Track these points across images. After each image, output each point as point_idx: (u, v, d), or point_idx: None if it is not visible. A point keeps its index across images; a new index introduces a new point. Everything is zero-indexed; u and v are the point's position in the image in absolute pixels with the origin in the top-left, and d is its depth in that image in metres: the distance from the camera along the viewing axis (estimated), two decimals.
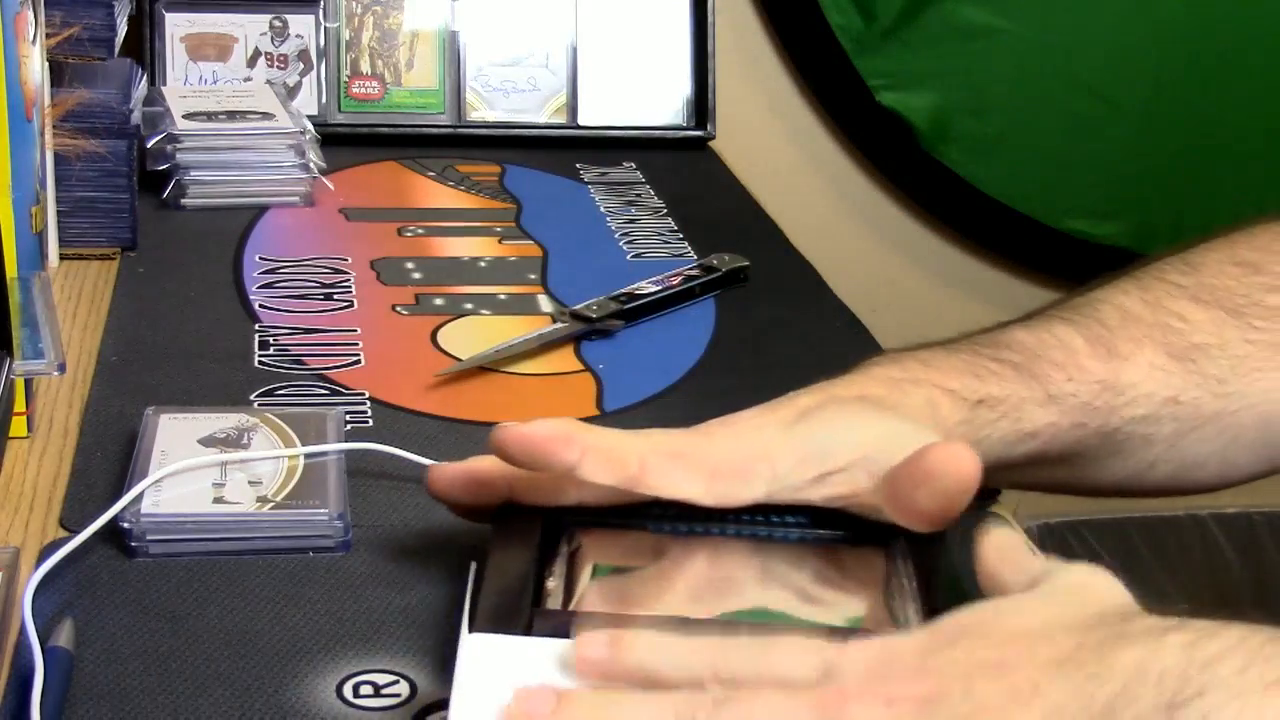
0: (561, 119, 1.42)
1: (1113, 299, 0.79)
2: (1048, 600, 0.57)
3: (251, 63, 1.37)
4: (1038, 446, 0.75)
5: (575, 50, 1.42)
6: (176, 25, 1.35)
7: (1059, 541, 1.87)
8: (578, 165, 1.35)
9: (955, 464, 0.63)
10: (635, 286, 1.03)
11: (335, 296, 1.04)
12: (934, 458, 0.63)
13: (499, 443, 0.65)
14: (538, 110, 1.42)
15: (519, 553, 0.63)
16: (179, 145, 1.18)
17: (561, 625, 0.57)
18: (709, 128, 1.42)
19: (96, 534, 0.71)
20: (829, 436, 0.66)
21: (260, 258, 1.09)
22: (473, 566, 0.63)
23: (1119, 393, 0.76)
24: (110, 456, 0.80)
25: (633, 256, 1.14)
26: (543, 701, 0.53)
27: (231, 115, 1.22)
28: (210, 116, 1.21)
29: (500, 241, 1.17)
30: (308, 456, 0.77)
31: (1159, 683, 0.51)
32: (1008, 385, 0.74)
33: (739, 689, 0.53)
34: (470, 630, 0.58)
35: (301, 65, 1.37)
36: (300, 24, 1.37)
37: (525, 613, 0.59)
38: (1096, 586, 0.59)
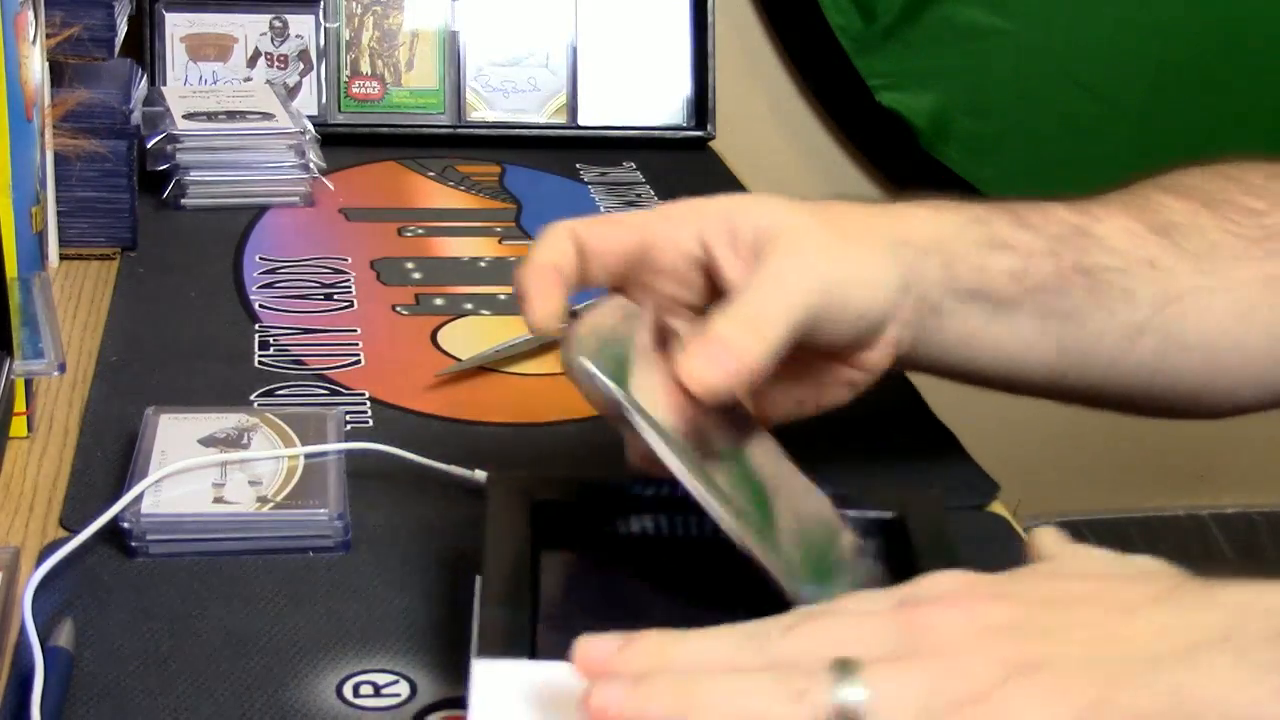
0: (561, 119, 1.42)
1: (1094, 194, 0.80)
2: (1125, 561, 0.56)
3: (251, 63, 1.37)
4: (1016, 264, 0.76)
5: (575, 50, 1.42)
6: (176, 25, 1.35)
7: None
8: (578, 165, 1.35)
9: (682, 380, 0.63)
10: None
11: (335, 296, 1.04)
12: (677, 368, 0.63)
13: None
14: (538, 110, 1.42)
15: (512, 550, 0.64)
16: (179, 145, 1.18)
17: (564, 642, 0.56)
18: (709, 128, 1.42)
19: (96, 534, 0.71)
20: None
21: (260, 258, 1.09)
22: (478, 581, 0.63)
23: (1091, 237, 0.77)
24: (110, 456, 0.80)
25: None
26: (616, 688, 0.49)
27: (231, 115, 1.22)
28: (210, 116, 1.21)
29: (500, 241, 1.17)
30: (308, 457, 0.77)
31: (1267, 615, 0.50)
32: (984, 210, 0.77)
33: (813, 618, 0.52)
34: (477, 656, 0.57)
35: (301, 65, 1.37)
36: (300, 24, 1.37)
37: (527, 631, 0.59)
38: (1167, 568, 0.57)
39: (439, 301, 1.04)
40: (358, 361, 0.94)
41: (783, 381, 0.72)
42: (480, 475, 0.80)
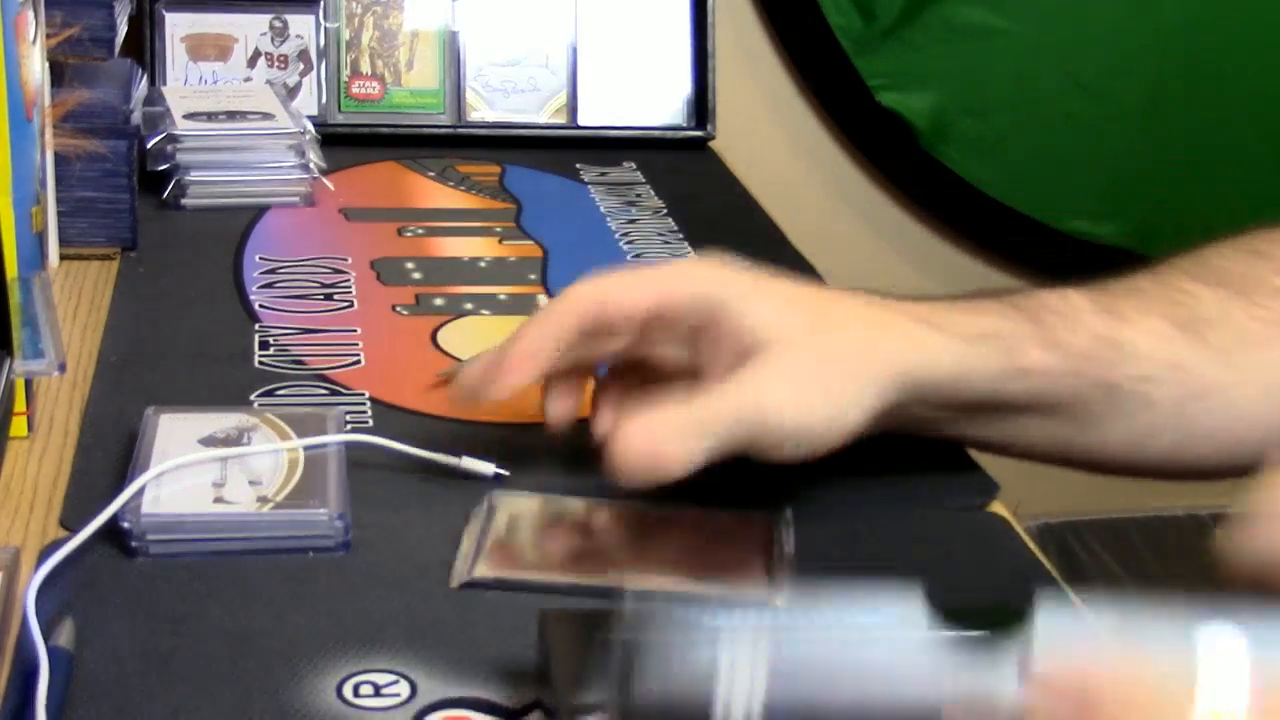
0: (561, 119, 1.42)
1: (1121, 277, 0.80)
2: None
3: (251, 63, 1.37)
4: (1034, 386, 0.76)
5: (575, 50, 1.42)
6: (176, 25, 1.35)
7: (1059, 542, 1.87)
8: (578, 165, 1.35)
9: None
10: None
11: (335, 296, 1.04)
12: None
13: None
14: (538, 110, 1.42)
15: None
16: (179, 145, 1.18)
17: None
18: (709, 128, 1.42)
19: (96, 534, 0.71)
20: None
21: (260, 258, 1.09)
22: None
23: (1118, 348, 0.77)
24: (110, 456, 0.80)
25: (633, 256, 1.15)
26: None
27: (231, 115, 1.22)
28: (210, 116, 1.21)
29: (500, 241, 1.17)
30: (308, 458, 0.77)
31: None
32: (1009, 323, 0.76)
33: None
34: None
35: (301, 65, 1.37)
36: (300, 24, 1.37)
37: None
38: None
39: (439, 301, 1.04)
40: (358, 361, 0.94)
41: None
42: (487, 467, 0.80)
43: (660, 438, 0.69)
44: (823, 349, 0.72)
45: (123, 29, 1.14)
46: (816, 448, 0.72)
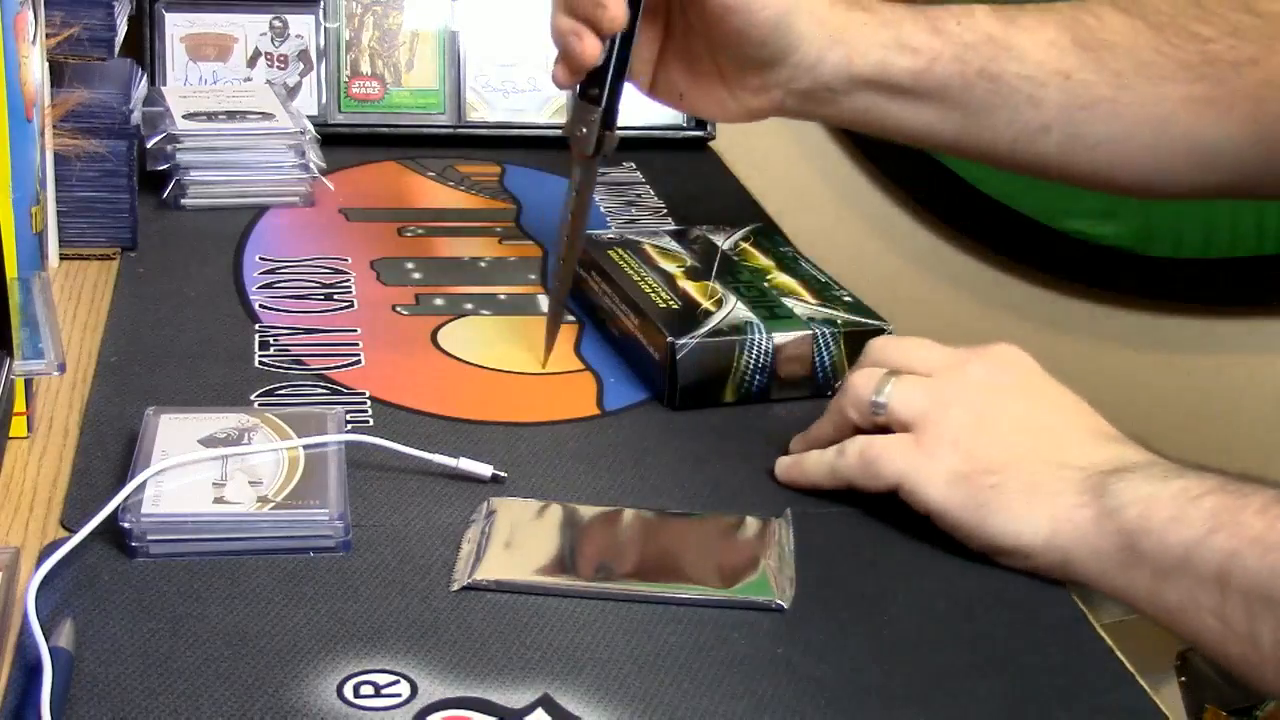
0: (561, 119, 1.42)
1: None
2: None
3: (251, 63, 1.37)
4: (920, 64, 0.87)
5: None
6: (176, 25, 1.35)
7: None
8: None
9: None
10: None
11: (335, 296, 1.04)
12: None
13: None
14: (538, 110, 1.42)
15: None
16: (179, 145, 1.18)
17: None
18: (709, 128, 1.42)
19: (97, 534, 0.71)
20: None
21: (260, 258, 1.09)
22: None
23: (1006, 48, 0.87)
24: (111, 457, 0.80)
25: None
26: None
27: (231, 115, 1.22)
28: (210, 116, 1.21)
29: (500, 241, 1.17)
30: (309, 458, 0.77)
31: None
32: (907, 14, 0.88)
33: None
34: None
35: (301, 65, 1.37)
36: (300, 24, 1.37)
37: None
38: None
39: (439, 301, 1.04)
40: (358, 361, 0.94)
41: (673, 69, 0.96)
42: (485, 469, 0.80)
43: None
44: None
45: (122, 29, 1.14)
46: (776, 49, 0.88)
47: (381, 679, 0.64)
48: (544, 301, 1.05)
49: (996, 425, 0.74)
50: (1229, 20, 0.86)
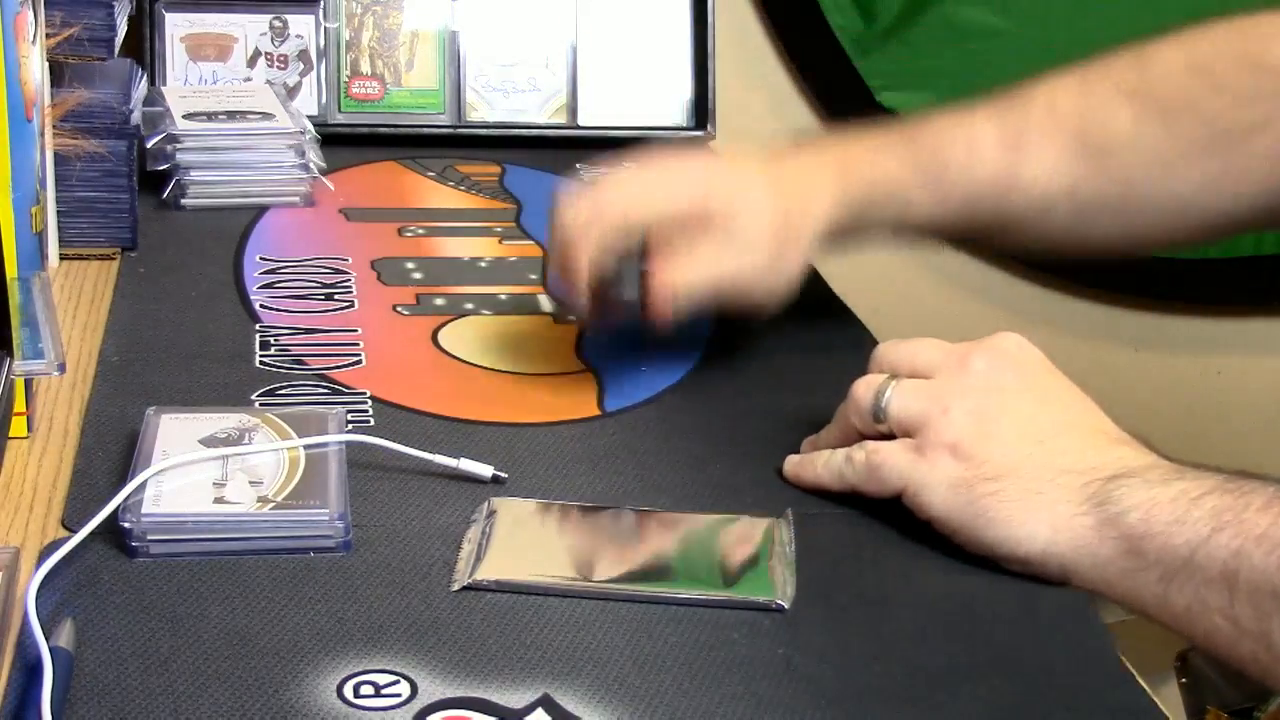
0: (561, 119, 1.42)
1: (1050, 93, 0.91)
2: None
3: (251, 63, 1.37)
4: (926, 214, 0.91)
5: (575, 50, 1.42)
6: (176, 25, 1.35)
7: None
8: (578, 165, 1.35)
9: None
10: None
11: (336, 296, 1.04)
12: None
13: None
14: (538, 110, 1.42)
15: None
16: (179, 145, 1.18)
17: None
18: (709, 128, 1.42)
19: (97, 534, 0.71)
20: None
21: (260, 258, 1.09)
22: None
23: (1013, 186, 0.90)
24: (111, 457, 0.80)
25: None
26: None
27: (231, 115, 1.22)
28: (210, 116, 1.21)
29: (500, 241, 1.17)
30: (309, 458, 0.77)
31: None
32: (905, 170, 0.91)
33: None
34: None
35: (301, 65, 1.37)
36: (300, 24, 1.37)
37: None
38: None
39: (439, 301, 1.04)
40: (359, 361, 0.94)
41: None
42: (485, 469, 0.80)
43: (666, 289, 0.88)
44: (784, 223, 0.91)
45: (122, 29, 1.14)
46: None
47: (381, 679, 0.64)
48: (544, 302, 1.05)
49: (997, 426, 0.74)
50: (1239, 85, 0.86)
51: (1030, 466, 0.72)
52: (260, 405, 0.87)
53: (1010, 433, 0.73)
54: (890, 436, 0.76)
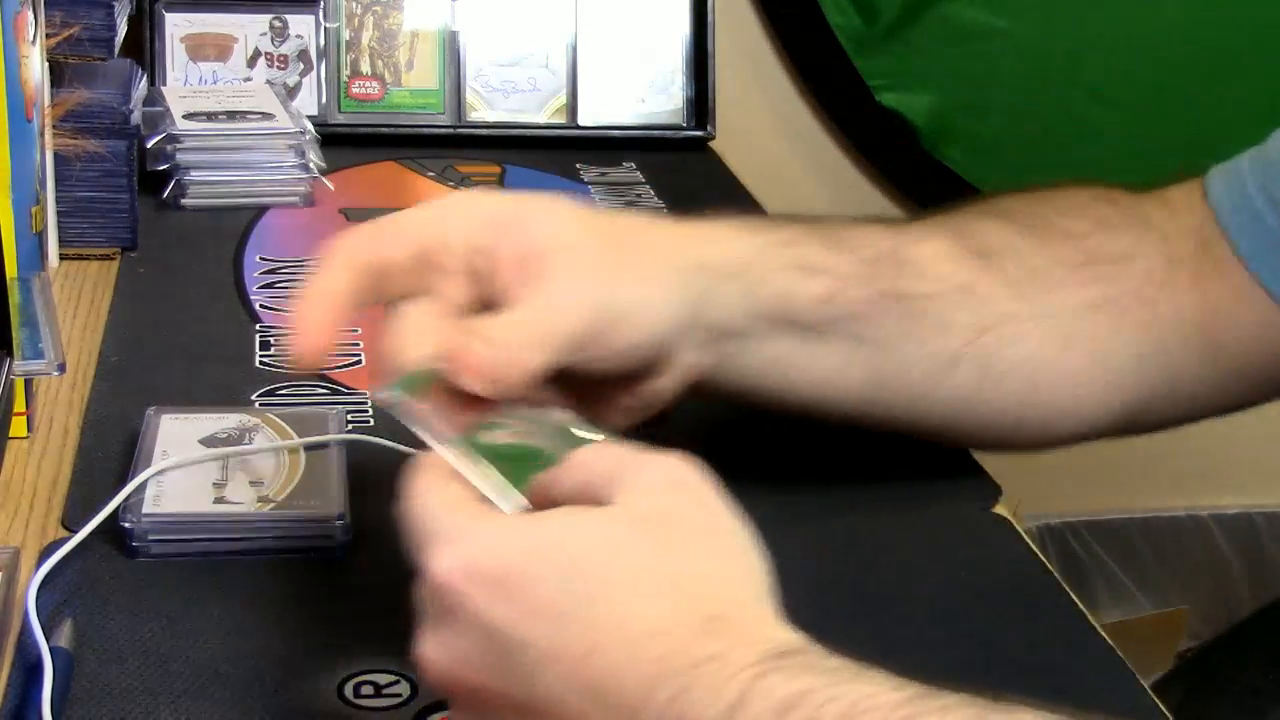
0: (561, 119, 1.42)
1: (917, 217, 0.79)
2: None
3: (251, 63, 1.37)
4: (826, 288, 0.73)
5: (575, 50, 1.42)
6: (176, 25, 1.35)
7: (1059, 542, 1.87)
8: (578, 165, 1.35)
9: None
10: None
11: None
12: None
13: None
14: (538, 110, 1.42)
15: None
16: (179, 145, 1.18)
17: None
18: (709, 128, 1.42)
19: (97, 534, 0.71)
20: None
21: (260, 258, 1.09)
22: None
23: (904, 262, 0.75)
24: (111, 457, 0.80)
25: None
26: None
27: (231, 115, 1.22)
28: (210, 116, 1.21)
29: None
30: (309, 458, 0.77)
31: None
32: (791, 233, 0.74)
33: None
34: None
35: (301, 65, 1.37)
36: (300, 24, 1.37)
37: None
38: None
39: None
40: (358, 361, 0.94)
41: (572, 398, 0.68)
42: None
43: (487, 360, 0.63)
44: (620, 246, 0.69)
45: (122, 29, 1.14)
46: (647, 350, 0.69)
47: (382, 679, 0.64)
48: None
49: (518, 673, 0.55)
50: (1094, 212, 0.79)
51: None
52: (260, 405, 0.87)
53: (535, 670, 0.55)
54: None
